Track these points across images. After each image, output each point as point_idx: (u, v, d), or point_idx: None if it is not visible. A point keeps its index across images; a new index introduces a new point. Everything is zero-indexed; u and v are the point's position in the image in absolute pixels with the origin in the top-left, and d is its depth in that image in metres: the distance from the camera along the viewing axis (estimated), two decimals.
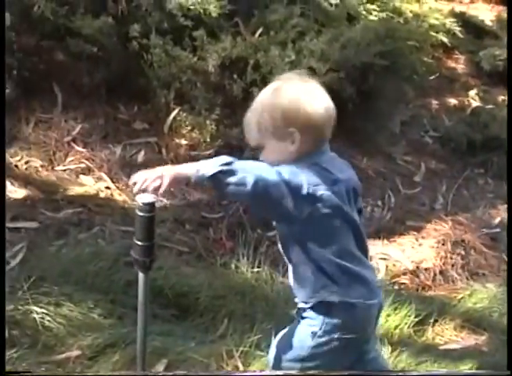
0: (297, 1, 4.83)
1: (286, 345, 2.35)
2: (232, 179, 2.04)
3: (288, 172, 2.11)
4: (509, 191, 3.64)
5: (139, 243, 2.08)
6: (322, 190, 2.16)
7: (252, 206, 2.24)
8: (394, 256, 4.08)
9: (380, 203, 4.52)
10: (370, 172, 4.71)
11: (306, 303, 2.28)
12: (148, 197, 2.06)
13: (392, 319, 3.45)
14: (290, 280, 2.33)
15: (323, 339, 2.27)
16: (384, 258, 4.05)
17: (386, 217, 4.41)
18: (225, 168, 2.04)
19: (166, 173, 2.04)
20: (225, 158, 2.07)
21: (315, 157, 2.21)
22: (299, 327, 2.31)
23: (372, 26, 4.85)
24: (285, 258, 2.31)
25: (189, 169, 2.05)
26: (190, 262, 3.57)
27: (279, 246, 2.32)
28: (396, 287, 3.85)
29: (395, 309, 3.50)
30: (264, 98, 2.25)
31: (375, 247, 4.11)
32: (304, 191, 2.12)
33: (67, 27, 4.40)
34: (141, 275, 2.17)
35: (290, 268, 2.30)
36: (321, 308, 2.26)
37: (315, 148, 2.22)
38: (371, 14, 5.07)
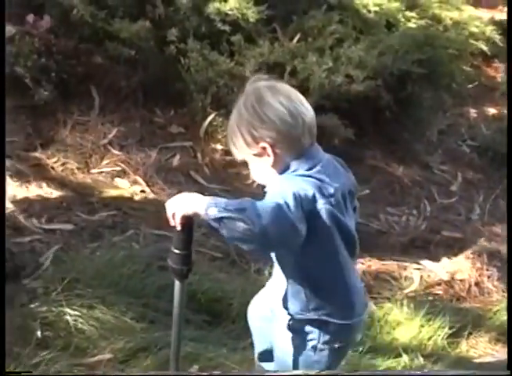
0: (336, 8, 4.82)
1: (286, 363, 2.28)
2: (238, 227, 1.93)
3: (288, 203, 1.98)
4: (509, 191, 3.58)
5: (177, 251, 2.07)
6: (321, 205, 2.05)
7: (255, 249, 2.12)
8: (428, 266, 4.03)
9: (415, 212, 4.48)
10: (406, 181, 4.67)
11: (299, 315, 2.22)
12: None
13: (426, 331, 3.42)
14: (280, 290, 2.25)
15: (325, 351, 2.24)
16: (419, 268, 4.01)
17: (421, 226, 4.36)
18: (228, 214, 1.92)
19: (178, 210, 2.00)
20: (239, 203, 1.97)
21: (304, 164, 2.09)
22: (296, 344, 2.25)
23: (411, 33, 4.82)
24: (276, 271, 2.26)
25: (201, 207, 1.96)
26: (224, 268, 3.55)
27: (276, 263, 2.25)
28: (430, 297, 3.81)
29: (429, 320, 3.47)
30: (232, 115, 2.16)
31: (409, 256, 4.07)
32: (302, 212, 2.00)
33: (106, 30, 4.43)
34: (177, 283, 2.15)
35: (283, 281, 2.23)
36: (315, 322, 2.22)
37: (298, 155, 2.09)
38: (410, 21, 5.03)
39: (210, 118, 4.45)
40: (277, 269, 2.27)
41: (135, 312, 3.10)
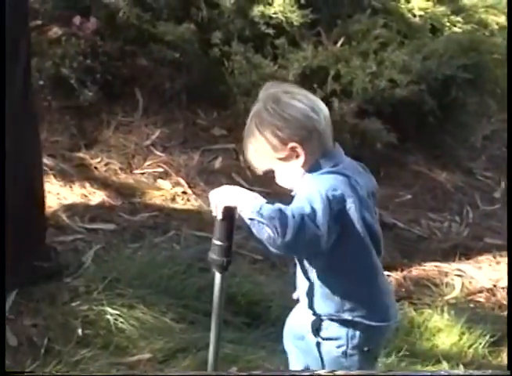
0: (381, 12, 4.80)
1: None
2: (263, 232, 1.95)
3: (316, 209, 1.98)
4: (509, 191, 3.52)
5: (218, 242, 2.08)
6: (350, 203, 2.06)
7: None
8: (470, 273, 3.99)
9: (457, 218, 4.44)
10: (449, 187, 4.64)
11: (327, 318, 2.21)
12: None
13: (466, 338, 3.38)
14: (304, 292, 2.24)
15: (355, 356, 2.22)
16: (460, 275, 3.97)
17: (463, 233, 4.32)
18: (258, 218, 1.94)
19: (221, 201, 2.02)
20: (272, 210, 1.96)
21: (329, 162, 2.11)
22: (324, 351, 2.24)
23: (456, 38, 4.77)
24: (303, 272, 2.22)
25: (241, 202, 1.99)
26: (264, 271, 3.56)
27: (300, 267, 2.23)
28: (471, 305, 3.76)
29: (470, 327, 3.43)
30: (251, 124, 2.14)
31: (451, 263, 4.04)
32: (331, 214, 2.00)
33: (151, 32, 4.47)
34: (217, 275, 2.16)
35: (307, 283, 2.21)
36: (344, 324, 2.20)
37: (324, 153, 2.11)
38: (455, 26, 4.99)
39: None
40: (302, 276, 2.24)
41: (175, 312, 3.12)
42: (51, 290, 3.13)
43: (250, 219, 1.96)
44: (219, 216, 2.04)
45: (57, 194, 3.78)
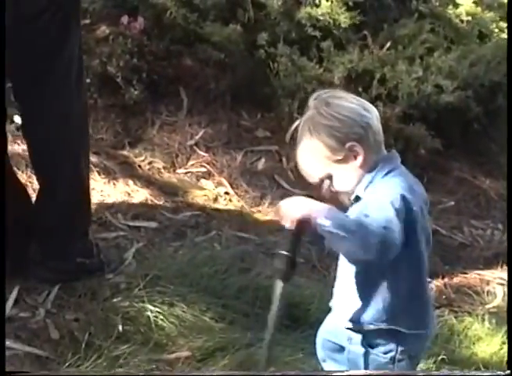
0: (428, 17, 4.77)
1: None
2: (337, 244, 1.98)
3: (392, 220, 1.95)
4: (509, 191, 3.46)
5: (286, 253, 2.06)
6: (415, 210, 2.04)
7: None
8: None
9: (500, 226, 4.39)
10: (492, 194, 4.59)
11: (368, 327, 2.17)
12: None
13: (507, 348, 3.34)
14: (344, 300, 2.22)
15: (403, 362, 2.19)
16: (502, 284, 3.93)
17: (506, 241, 4.28)
18: (339, 232, 1.91)
19: (294, 213, 1.99)
20: (347, 222, 1.95)
21: (388, 164, 2.09)
22: (371, 359, 2.20)
23: (504, 44, 4.72)
24: (346, 278, 2.19)
25: (316, 214, 1.96)
26: (304, 273, 3.55)
27: (343, 264, 2.19)
28: None
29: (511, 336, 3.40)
30: (304, 131, 2.13)
31: (493, 271, 4.00)
32: (401, 218, 1.98)
33: (197, 33, 4.49)
34: (279, 285, 2.14)
35: (349, 291, 2.18)
36: (390, 332, 2.17)
37: (380, 153, 2.10)
38: (503, 32, 4.94)
39: (296, 123, 4.40)
40: (343, 284, 2.22)
41: (215, 312, 3.13)
42: (93, 285, 3.16)
43: (329, 233, 1.93)
44: (291, 227, 2.01)
45: (101, 191, 3.82)
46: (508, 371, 2.10)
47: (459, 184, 4.59)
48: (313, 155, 2.12)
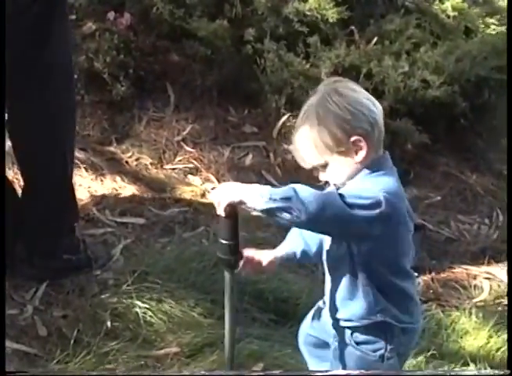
0: (414, 12, 4.78)
1: None
2: (284, 216, 1.91)
3: (360, 194, 1.98)
4: (509, 191, 3.49)
5: (224, 242, 2.07)
6: (402, 209, 2.06)
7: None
8: (499, 276, 3.97)
9: (487, 221, 4.41)
10: (479, 189, 4.61)
11: (365, 320, 2.16)
12: None
13: (494, 341, 3.36)
14: (331, 296, 2.21)
15: (392, 359, 2.19)
16: (489, 278, 3.95)
17: (493, 236, 4.30)
18: (274, 205, 1.89)
19: (223, 199, 1.98)
20: (284, 191, 1.92)
21: (386, 162, 2.10)
22: (358, 357, 2.19)
23: (490, 39, 4.75)
24: (331, 275, 2.19)
25: (247, 197, 1.94)
26: (292, 268, 3.55)
27: (327, 263, 2.19)
28: (500, 308, 3.74)
29: (498, 330, 3.41)
30: (311, 115, 2.08)
31: (480, 265, 4.02)
32: (382, 209, 1.97)
33: (183, 28, 4.48)
34: (227, 274, 2.16)
35: (336, 286, 2.17)
36: (379, 327, 2.16)
37: (379, 152, 2.09)
38: (489, 27, 4.96)
39: (283, 119, 4.46)
40: (329, 280, 2.22)
41: (203, 307, 3.13)
42: (80, 282, 3.16)
43: (266, 210, 1.91)
44: (223, 214, 2.00)
45: (88, 187, 3.81)
46: (508, 371, 2.11)
47: (446, 179, 4.61)
48: (314, 141, 2.08)
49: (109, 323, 2.96)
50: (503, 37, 4.82)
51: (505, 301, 3.77)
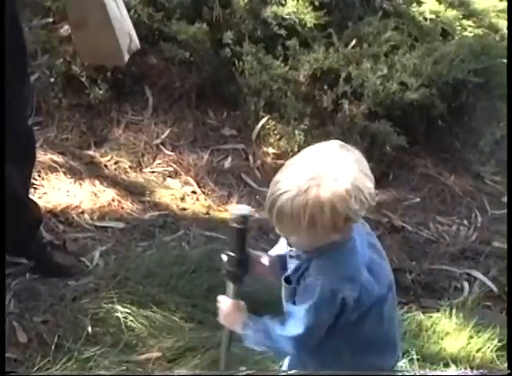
0: (392, 15, 4.80)
1: None
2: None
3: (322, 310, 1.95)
4: (509, 190, 3.52)
5: (232, 254, 2.08)
6: (370, 285, 1.97)
7: None
8: (478, 277, 3.99)
9: (466, 222, 4.43)
10: (457, 190, 4.63)
11: None
12: (244, 209, 2.06)
13: (475, 342, 3.37)
14: None
15: None
16: (468, 279, 3.96)
17: (472, 237, 4.32)
18: (262, 348, 2.17)
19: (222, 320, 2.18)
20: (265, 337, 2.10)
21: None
22: None
23: (467, 42, 4.77)
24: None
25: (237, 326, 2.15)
26: None
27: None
28: (480, 309, 3.76)
29: (478, 331, 3.43)
30: (297, 204, 1.82)
31: (459, 266, 4.03)
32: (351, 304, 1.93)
33: (162, 31, 4.47)
34: (230, 285, 2.16)
35: None
36: None
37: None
38: (466, 30, 4.99)
39: (262, 122, 4.46)
40: None
41: (184, 311, 3.12)
42: (60, 287, 3.14)
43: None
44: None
45: (67, 191, 3.78)
46: (508, 371, 2.11)
47: (425, 181, 4.63)
48: (296, 230, 1.92)
49: (90, 329, 2.94)
50: (480, 40, 4.86)
51: (485, 302, 3.79)
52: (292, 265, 2.05)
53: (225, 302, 2.17)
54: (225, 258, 2.10)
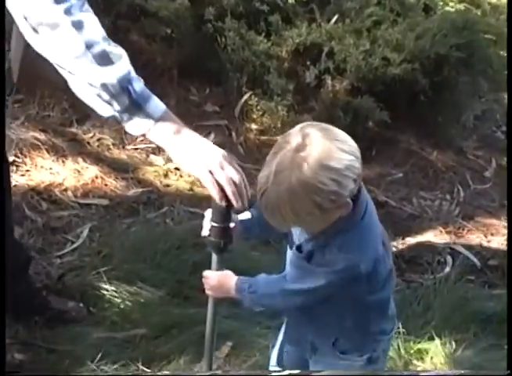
0: None
1: None
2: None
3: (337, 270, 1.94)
4: (509, 190, 3.54)
5: (215, 225, 2.07)
6: (384, 259, 2.03)
7: None
8: (461, 252, 4.01)
9: (448, 197, 4.45)
10: (440, 166, 4.65)
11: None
12: None
13: (458, 315, 3.41)
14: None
15: (379, 359, 2.19)
16: (451, 253, 3.99)
17: (454, 212, 4.34)
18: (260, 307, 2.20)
19: (212, 293, 2.20)
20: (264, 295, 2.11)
21: (361, 206, 1.97)
22: (344, 365, 2.15)
23: (449, 17, 4.76)
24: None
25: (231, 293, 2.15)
26: (257, 247, 3.56)
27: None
28: (463, 283, 3.78)
29: (462, 305, 3.46)
30: (291, 192, 1.81)
31: (442, 241, 4.06)
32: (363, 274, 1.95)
33: (143, 8, 4.43)
34: (214, 256, 2.16)
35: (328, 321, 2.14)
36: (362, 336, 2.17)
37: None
38: (448, 5, 4.98)
39: (245, 97, 4.45)
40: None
41: (170, 288, 3.13)
42: (45, 265, 3.13)
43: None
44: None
45: (50, 169, 3.76)
46: (508, 371, 2.13)
47: (407, 156, 4.64)
48: (298, 214, 1.89)
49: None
50: (462, 15, 4.84)
51: (468, 276, 3.80)
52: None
53: (211, 276, 2.15)
54: (207, 228, 2.07)
